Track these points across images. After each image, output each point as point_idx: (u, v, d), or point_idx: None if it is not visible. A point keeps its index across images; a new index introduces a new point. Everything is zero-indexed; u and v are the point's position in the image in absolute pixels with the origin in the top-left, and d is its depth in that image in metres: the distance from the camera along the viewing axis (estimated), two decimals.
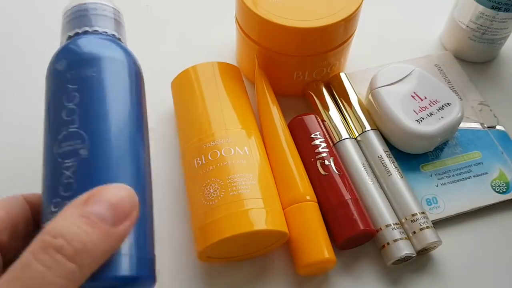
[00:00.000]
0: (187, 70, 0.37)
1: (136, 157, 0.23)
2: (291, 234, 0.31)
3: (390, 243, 0.32)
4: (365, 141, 0.37)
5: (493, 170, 0.37)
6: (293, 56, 0.37)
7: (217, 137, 0.32)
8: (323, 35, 0.36)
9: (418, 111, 0.36)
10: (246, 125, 0.34)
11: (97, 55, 0.24)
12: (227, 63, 0.38)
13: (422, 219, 0.33)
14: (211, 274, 0.33)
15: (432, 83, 0.38)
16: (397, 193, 0.34)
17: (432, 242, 0.32)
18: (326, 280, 0.33)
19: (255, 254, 0.33)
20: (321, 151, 0.35)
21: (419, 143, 0.37)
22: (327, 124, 0.38)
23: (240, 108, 0.35)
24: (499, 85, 0.44)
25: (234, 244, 0.30)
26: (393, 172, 0.35)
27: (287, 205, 0.32)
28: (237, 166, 0.31)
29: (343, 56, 0.40)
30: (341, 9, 0.36)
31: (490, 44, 0.43)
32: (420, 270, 0.33)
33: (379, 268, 0.33)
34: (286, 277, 0.33)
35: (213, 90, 0.35)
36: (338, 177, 0.34)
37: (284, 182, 0.33)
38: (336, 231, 0.32)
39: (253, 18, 0.36)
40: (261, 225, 0.29)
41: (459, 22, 0.43)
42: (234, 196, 0.30)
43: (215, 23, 0.47)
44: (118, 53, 0.26)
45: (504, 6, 0.39)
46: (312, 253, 0.31)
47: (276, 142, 0.35)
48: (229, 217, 0.29)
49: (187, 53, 0.44)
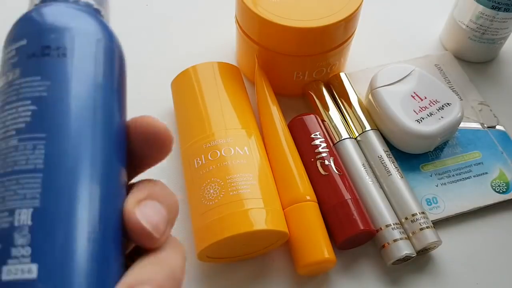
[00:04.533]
0: (187, 70, 0.37)
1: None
2: (291, 234, 0.31)
3: (390, 243, 0.32)
4: (365, 141, 0.37)
5: (493, 170, 0.37)
6: (293, 56, 0.37)
7: (217, 137, 0.32)
8: (323, 35, 0.36)
9: (418, 111, 0.36)
10: (246, 125, 0.34)
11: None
12: (227, 63, 0.38)
13: (422, 219, 0.33)
14: (210, 274, 0.33)
15: (432, 83, 0.38)
16: (397, 193, 0.34)
17: (432, 242, 0.32)
18: (326, 280, 0.33)
19: (255, 254, 0.33)
20: (321, 151, 0.35)
21: (419, 143, 0.37)
22: (327, 124, 0.38)
23: (240, 108, 0.35)
24: (499, 85, 0.44)
25: (234, 244, 0.30)
26: (393, 172, 0.35)
27: (287, 205, 0.32)
28: (237, 166, 0.31)
29: (343, 56, 0.40)
30: (341, 9, 0.36)
31: (490, 44, 0.43)
32: (420, 270, 0.33)
33: (379, 268, 0.33)
34: (286, 277, 0.33)
35: (213, 90, 0.35)
36: (338, 177, 0.34)
37: (284, 182, 0.33)
38: (336, 231, 0.32)
39: (253, 18, 0.36)
40: (261, 225, 0.29)
41: (459, 22, 0.43)
42: (234, 196, 0.30)
43: (215, 23, 0.47)
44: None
45: (504, 6, 0.39)
46: (312, 253, 0.31)
47: (276, 142, 0.35)
48: (229, 217, 0.29)
49: (187, 53, 0.44)
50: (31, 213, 0.16)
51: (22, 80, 0.18)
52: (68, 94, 0.18)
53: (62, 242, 0.16)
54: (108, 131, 0.19)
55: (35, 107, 0.17)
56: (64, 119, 0.18)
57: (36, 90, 0.18)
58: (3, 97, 0.18)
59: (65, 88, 0.18)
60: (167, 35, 0.47)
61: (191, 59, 0.38)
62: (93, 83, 0.19)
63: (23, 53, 0.19)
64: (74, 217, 0.16)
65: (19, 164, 0.17)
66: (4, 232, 0.16)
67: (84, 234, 0.16)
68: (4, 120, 0.18)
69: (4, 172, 0.17)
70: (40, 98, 0.18)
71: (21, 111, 0.17)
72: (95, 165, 0.18)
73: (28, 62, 0.18)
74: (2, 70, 0.19)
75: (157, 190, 0.19)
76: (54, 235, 0.16)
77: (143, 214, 0.18)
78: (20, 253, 0.15)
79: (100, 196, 0.17)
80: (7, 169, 0.17)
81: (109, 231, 0.17)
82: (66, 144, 0.17)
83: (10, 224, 0.16)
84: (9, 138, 0.17)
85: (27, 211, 0.16)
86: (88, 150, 0.18)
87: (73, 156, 0.17)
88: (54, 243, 0.16)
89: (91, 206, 0.17)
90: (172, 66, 0.38)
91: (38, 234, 0.16)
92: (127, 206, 0.18)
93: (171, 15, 0.49)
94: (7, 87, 0.18)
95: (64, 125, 0.18)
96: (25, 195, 0.16)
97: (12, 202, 0.16)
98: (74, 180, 0.17)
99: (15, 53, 0.19)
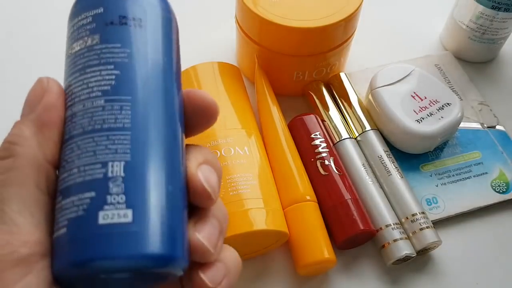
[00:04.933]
0: (187, 70, 0.37)
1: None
2: (291, 234, 0.31)
3: (390, 243, 0.32)
4: (365, 141, 0.37)
5: (493, 170, 0.37)
6: (293, 56, 0.37)
7: (217, 137, 0.32)
8: (323, 35, 0.36)
9: (418, 111, 0.36)
10: (246, 125, 0.34)
11: None
12: (227, 63, 0.38)
13: (422, 219, 0.33)
14: None
15: (432, 83, 0.38)
16: (397, 193, 0.34)
17: (432, 242, 0.32)
18: (326, 280, 0.33)
19: (255, 254, 0.33)
20: (321, 151, 0.35)
21: (419, 143, 0.37)
22: (327, 124, 0.38)
23: (240, 108, 0.35)
24: (499, 85, 0.44)
25: (234, 244, 0.30)
26: (393, 172, 0.35)
27: (287, 205, 0.32)
28: (237, 166, 0.31)
29: (343, 56, 0.40)
30: (341, 9, 0.36)
31: (490, 44, 0.43)
32: (420, 270, 0.33)
33: (379, 268, 0.33)
34: (286, 277, 0.33)
35: (213, 90, 0.35)
36: (338, 177, 0.34)
37: (284, 182, 0.33)
38: (336, 231, 0.32)
39: (253, 18, 0.36)
40: (261, 225, 0.29)
41: (459, 22, 0.43)
42: (234, 196, 0.30)
43: (215, 23, 0.47)
44: None
45: (504, 6, 0.39)
46: (312, 253, 0.31)
47: (276, 142, 0.35)
48: (229, 216, 0.29)
49: (187, 53, 0.43)
50: (123, 165, 0.18)
51: (102, 46, 0.20)
52: (146, 61, 0.20)
53: (150, 191, 0.18)
54: (177, 95, 0.21)
55: (118, 71, 0.19)
56: (144, 83, 0.20)
57: (118, 56, 0.20)
58: (83, 60, 0.20)
59: (143, 56, 0.20)
60: None
61: (191, 59, 0.38)
62: (163, 51, 0.21)
63: (101, 21, 0.20)
64: (158, 170, 0.19)
65: (108, 122, 0.18)
66: (98, 182, 0.18)
67: (164, 184, 0.19)
68: (87, 82, 0.19)
69: (93, 128, 0.18)
70: (123, 64, 0.20)
71: (104, 74, 0.19)
72: (169, 126, 0.20)
73: (107, 29, 0.20)
74: (76, 35, 0.20)
75: (210, 156, 0.22)
76: (144, 186, 0.18)
77: (204, 177, 0.20)
78: (116, 200, 0.17)
79: (173, 154, 0.20)
80: (96, 126, 0.18)
81: (180, 181, 0.20)
82: (148, 106, 0.19)
83: (104, 175, 0.18)
84: (94, 98, 0.19)
85: (120, 164, 0.18)
86: (163, 111, 0.20)
87: (153, 117, 0.19)
88: (144, 192, 0.18)
89: (168, 161, 0.19)
90: None
91: (130, 184, 0.18)
92: (190, 169, 0.20)
93: None
94: (86, 51, 0.20)
95: (145, 89, 0.19)
96: (116, 150, 0.18)
97: (103, 155, 0.18)
98: (156, 138, 0.19)
99: (92, 19, 0.20)
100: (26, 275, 0.16)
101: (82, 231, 0.17)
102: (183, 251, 0.19)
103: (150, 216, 0.18)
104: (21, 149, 0.18)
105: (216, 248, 0.20)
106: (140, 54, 0.20)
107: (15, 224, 0.17)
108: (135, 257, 0.17)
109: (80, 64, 0.20)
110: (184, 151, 0.21)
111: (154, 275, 0.19)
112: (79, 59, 0.20)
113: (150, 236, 0.17)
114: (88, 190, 0.18)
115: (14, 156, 0.18)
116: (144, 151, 0.19)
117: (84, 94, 0.19)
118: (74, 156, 0.18)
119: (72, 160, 0.18)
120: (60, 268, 0.17)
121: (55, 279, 0.18)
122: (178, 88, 0.22)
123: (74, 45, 0.20)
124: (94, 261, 0.17)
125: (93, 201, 0.17)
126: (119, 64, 0.20)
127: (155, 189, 0.18)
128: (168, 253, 0.18)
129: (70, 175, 0.18)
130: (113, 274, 0.18)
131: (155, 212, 0.18)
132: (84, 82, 0.19)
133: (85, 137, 0.18)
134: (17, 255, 0.16)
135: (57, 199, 0.18)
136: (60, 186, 0.18)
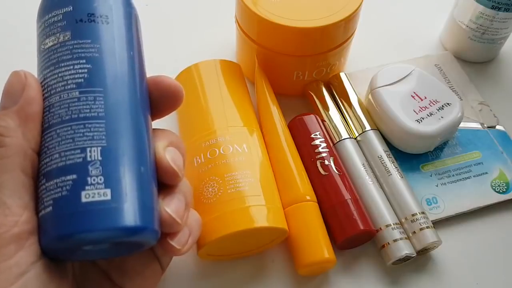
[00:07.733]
0: (189, 68, 0.37)
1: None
2: (291, 234, 0.31)
3: (390, 243, 0.32)
4: (365, 141, 0.37)
5: (493, 170, 0.37)
6: (293, 56, 0.37)
7: (218, 135, 0.32)
8: (323, 35, 0.36)
9: (418, 111, 0.36)
10: (248, 123, 0.34)
11: None
12: (229, 61, 0.38)
13: (422, 219, 0.33)
14: (211, 272, 0.33)
15: (432, 83, 0.38)
16: (397, 193, 0.34)
17: (432, 242, 0.32)
18: (326, 280, 0.33)
19: (254, 251, 0.33)
20: (321, 151, 0.35)
21: (419, 143, 0.36)
22: (327, 124, 0.38)
23: (241, 105, 0.35)
24: (499, 85, 0.44)
25: (234, 242, 0.30)
26: (393, 172, 0.35)
27: (287, 205, 0.32)
28: (235, 163, 0.31)
29: (343, 56, 0.40)
30: (341, 9, 0.36)
31: (490, 44, 0.43)
32: (420, 270, 0.33)
33: (379, 268, 0.33)
34: (285, 277, 0.33)
35: (215, 87, 0.35)
36: (338, 177, 0.34)
37: (284, 182, 0.33)
38: (336, 231, 0.32)
39: (253, 18, 0.36)
40: (262, 222, 0.29)
41: (459, 22, 0.43)
42: (232, 194, 0.30)
43: (215, 23, 0.47)
44: None
45: (504, 6, 0.39)
46: (312, 253, 0.31)
47: (276, 142, 0.35)
48: (228, 214, 0.29)
49: (187, 53, 0.43)
50: (100, 150, 0.20)
51: (74, 41, 0.21)
52: (114, 55, 0.22)
53: (125, 172, 0.20)
54: (143, 84, 0.23)
55: (90, 65, 0.21)
56: (114, 76, 0.21)
57: (89, 52, 0.21)
58: (57, 55, 0.21)
59: (111, 50, 0.22)
60: (166, 35, 0.47)
61: (191, 59, 0.38)
62: (128, 43, 0.23)
63: (71, 18, 0.22)
64: (131, 153, 0.21)
65: (83, 112, 0.20)
66: (78, 165, 0.20)
67: (137, 166, 0.21)
68: (62, 75, 0.21)
69: (70, 118, 0.20)
70: (93, 58, 0.21)
71: (77, 68, 0.21)
72: (138, 114, 0.22)
73: (77, 26, 0.22)
74: (48, 31, 0.22)
75: (175, 138, 0.24)
76: (119, 168, 0.20)
77: (171, 158, 0.23)
78: (95, 181, 0.20)
79: (143, 138, 0.22)
80: (73, 116, 0.20)
81: (150, 162, 0.22)
82: (118, 96, 0.21)
83: (83, 159, 0.20)
84: (69, 90, 0.21)
85: (97, 149, 0.20)
86: (132, 100, 0.22)
87: (124, 106, 0.21)
88: (120, 173, 0.20)
89: (139, 145, 0.22)
90: (172, 66, 0.38)
91: (107, 166, 0.20)
92: (159, 151, 0.23)
93: (170, 15, 0.49)
94: (59, 46, 0.22)
95: (115, 80, 0.21)
96: (93, 136, 0.20)
97: (82, 142, 0.20)
98: (127, 125, 0.21)
99: (62, 17, 0.22)
100: (18, 251, 0.19)
101: (67, 208, 0.19)
102: (155, 223, 0.21)
103: (126, 194, 0.20)
104: (9, 140, 0.20)
105: (183, 219, 0.23)
106: (109, 49, 0.22)
107: (7, 207, 0.19)
108: (115, 229, 0.20)
109: (54, 59, 0.21)
110: (151, 134, 0.23)
111: (132, 244, 0.21)
112: (53, 54, 0.22)
113: (127, 211, 0.20)
114: (70, 173, 0.20)
115: (5, 146, 0.20)
116: (118, 137, 0.21)
117: (59, 87, 0.21)
118: (55, 143, 0.20)
119: (53, 147, 0.20)
120: (48, 242, 0.20)
121: (43, 252, 0.20)
122: (143, 77, 0.24)
123: (47, 41, 0.22)
124: (79, 234, 0.19)
125: (75, 182, 0.20)
126: (90, 58, 0.21)
127: (129, 170, 0.21)
128: (143, 225, 0.20)
129: (52, 160, 0.20)
130: (96, 245, 0.21)
131: (130, 190, 0.20)
132: (59, 75, 0.21)
133: (63, 126, 0.20)
134: (10, 234, 0.19)
135: (40, 182, 0.20)
136: (43, 170, 0.20)
